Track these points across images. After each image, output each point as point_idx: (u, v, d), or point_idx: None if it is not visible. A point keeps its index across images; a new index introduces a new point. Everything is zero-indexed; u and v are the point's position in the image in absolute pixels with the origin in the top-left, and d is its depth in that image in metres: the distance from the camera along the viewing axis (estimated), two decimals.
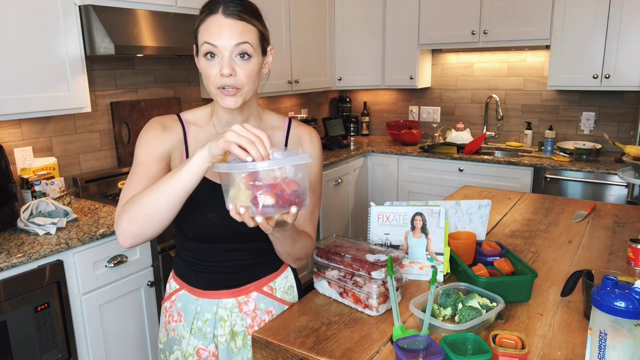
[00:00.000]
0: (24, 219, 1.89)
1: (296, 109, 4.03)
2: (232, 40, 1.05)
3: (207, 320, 1.24)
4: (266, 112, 1.28)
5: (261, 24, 1.12)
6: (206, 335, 1.25)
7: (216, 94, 1.09)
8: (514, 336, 1.02)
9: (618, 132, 3.37)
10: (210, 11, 1.07)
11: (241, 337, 1.25)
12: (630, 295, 0.84)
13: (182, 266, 1.28)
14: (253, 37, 1.08)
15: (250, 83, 1.09)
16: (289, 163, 0.91)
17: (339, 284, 1.28)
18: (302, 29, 3.46)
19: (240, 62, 1.07)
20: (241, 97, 1.10)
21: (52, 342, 1.79)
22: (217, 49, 1.05)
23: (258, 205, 0.91)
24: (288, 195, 0.92)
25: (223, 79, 1.06)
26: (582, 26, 3.06)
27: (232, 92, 1.07)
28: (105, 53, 2.09)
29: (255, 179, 0.91)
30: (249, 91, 1.10)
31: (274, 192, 0.91)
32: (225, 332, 1.24)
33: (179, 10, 2.43)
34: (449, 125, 3.98)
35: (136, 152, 1.16)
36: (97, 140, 2.56)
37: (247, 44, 1.06)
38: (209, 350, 1.25)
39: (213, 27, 1.05)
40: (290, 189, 0.93)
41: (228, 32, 1.05)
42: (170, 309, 1.30)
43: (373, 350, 1.07)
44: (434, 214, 1.39)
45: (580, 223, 1.92)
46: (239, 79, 1.07)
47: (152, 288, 2.12)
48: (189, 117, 1.23)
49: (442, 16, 3.55)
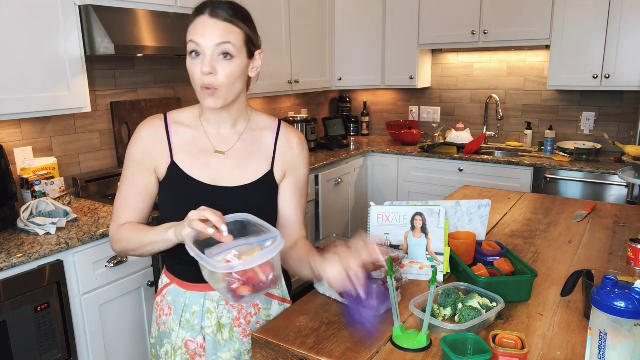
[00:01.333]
0: (24, 219, 1.89)
1: (296, 109, 4.03)
2: (214, 40, 1.09)
3: (194, 313, 1.26)
4: (255, 113, 1.31)
5: (249, 28, 1.15)
6: (194, 327, 1.26)
7: (200, 94, 1.14)
8: (514, 336, 1.02)
9: (618, 132, 3.37)
10: (198, 12, 1.12)
11: (228, 329, 1.26)
12: (630, 295, 0.84)
13: (172, 261, 1.30)
14: (237, 38, 1.11)
15: (229, 84, 1.13)
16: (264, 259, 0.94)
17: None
18: (302, 29, 3.46)
19: (222, 61, 1.11)
20: (221, 99, 1.14)
21: (52, 342, 1.79)
22: (200, 47, 1.10)
23: (236, 296, 0.96)
24: (263, 283, 0.96)
25: (204, 77, 1.10)
26: (582, 26, 3.06)
27: (211, 92, 1.12)
28: (105, 53, 2.09)
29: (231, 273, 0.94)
30: (229, 93, 1.14)
31: (250, 285, 0.95)
32: (212, 324, 1.25)
33: (179, 10, 2.43)
34: (449, 125, 3.98)
35: (124, 163, 1.24)
36: (97, 140, 2.56)
37: (229, 44, 1.10)
38: (197, 341, 1.26)
39: (198, 26, 1.11)
40: (266, 275, 0.96)
41: (211, 32, 1.09)
42: (161, 304, 1.31)
43: (373, 350, 1.07)
44: (434, 214, 1.39)
45: (580, 223, 1.92)
46: (218, 78, 1.11)
47: (152, 288, 2.12)
48: (176, 117, 1.26)
49: (442, 16, 3.55)
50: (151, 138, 1.22)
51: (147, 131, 1.22)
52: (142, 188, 1.22)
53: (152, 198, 1.25)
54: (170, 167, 1.21)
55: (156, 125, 1.23)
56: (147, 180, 1.22)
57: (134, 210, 1.23)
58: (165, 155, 1.21)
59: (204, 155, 1.22)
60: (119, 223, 1.22)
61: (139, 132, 1.23)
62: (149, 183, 1.22)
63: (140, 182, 1.22)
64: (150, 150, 1.21)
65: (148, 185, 1.22)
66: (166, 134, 1.22)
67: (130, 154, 1.23)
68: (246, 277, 0.94)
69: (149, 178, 1.22)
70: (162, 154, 1.21)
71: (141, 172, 1.22)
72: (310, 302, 1.30)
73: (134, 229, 1.19)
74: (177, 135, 1.23)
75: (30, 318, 1.72)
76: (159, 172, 1.22)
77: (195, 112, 1.27)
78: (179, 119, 1.25)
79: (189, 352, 1.27)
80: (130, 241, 1.18)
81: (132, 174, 1.22)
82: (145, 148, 1.21)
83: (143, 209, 1.24)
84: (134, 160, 1.22)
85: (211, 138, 1.24)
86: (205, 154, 1.22)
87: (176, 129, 1.23)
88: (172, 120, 1.25)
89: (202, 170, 1.21)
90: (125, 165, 1.24)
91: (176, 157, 1.21)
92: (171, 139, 1.22)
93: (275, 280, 0.99)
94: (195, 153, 1.22)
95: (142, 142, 1.22)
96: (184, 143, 1.22)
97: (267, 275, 0.96)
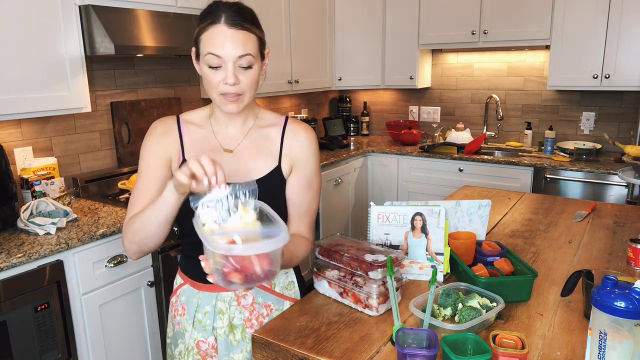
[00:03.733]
0: (24, 219, 1.89)
1: (296, 109, 4.03)
2: (236, 51, 1.10)
3: (206, 313, 1.27)
4: (263, 111, 1.33)
5: (260, 30, 1.17)
6: (206, 328, 1.27)
7: (219, 100, 1.15)
8: (514, 336, 1.02)
9: (618, 132, 3.37)
10: (212, 21, 1.11)
11: (240, 330, 1.27)
12: (630, 295, 0.84)
13: (185, 261, 1.31)
14: (254, 46, 1.13)
15: (251, 90, 1.16)
16: (262, 250, 0.91)
17: (339, 284, 1.28)
18: (302, 29, 3.46)
19: (244, 71, 1.13)
20: (243, 103, 1.17)
21: (52, 342, 1.79)
22: (222, 60, 1.11)
23: (226, 280, 0.93)
24: (257, 275, 0.93)
25: (227, 87, 1.12)
26: (582, 26, 3.06)
27: (235, 98, 1.14)
28: (105, 53, 2.09)
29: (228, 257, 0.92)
30: (250, 97, 1.18)
31: (243, 273, 0.92)
32: (224, 325, 1.26)
33: (179, 10, 2.43)
34: (449, 125, 3.98)
35: (139, 161, 1.24)
36: (97, 140, 2.56)
37: (249, 55, 1.12)
38: (209, 342, 1.27)
39: (217, 37, 1.10)
40: (262, 267, 0.93)
41: (231, 43, 1.10)
42: (175, 304, 1.33)
43: (373, 350, 1.07)
44: (434, 214, 1.39)
45: (580, 223, 1.92)
46: (242, 87, 1.14)
47: (152, 288, 2.12)
48: (188, 118, 1.29)
49: (442, 16, 3.55)
50: (165, 133, 1.24)
51: (162, 127, 1.25)
52: (158, 180, 1.21)
53: None
54: (182, 164, 1.20)
55: (169, 123, 1.26)
56: (162, 173, 1.22)
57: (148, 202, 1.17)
58: (178, 152, 1.24)
59: (213, 153, 1.23)
60: (129, 216, 1.19)
61: (153, 128, 1.25)
62: (162, 177, 1.21)
63: (156, 174, 1.21)
64: (165, 144, 1.23)
65: (162, 179, 1.21)
66: (178, 132, 1.25)
67: (146, 147, 1.23)
68: (241, 264, 0.92)
69: (164, 172, 1.22)
70: (175, 150, 1.24)
71: (157, 164, 1.22)
72: (310, 302, 1.30)
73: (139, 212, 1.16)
74: (188, 134, 1.25)
75: (30, 318, 1.72)
76: (173, 168, 1.23)
77: (206, 112, 1.29)
78: (191, 119, 1.28)
79: (200, 352, 1.28)
80: (133, 225, 1.13)
81: (147, 166, 1.22)
82: (161, 141, 1.23)
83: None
84: (150, 152, 1.23)
85: (219, 137, 1.26)
86: (214, 152, 1.24)
87: (188, 127, 1.26)
88: (184, 120, 1.28)
89: None
90: (140, 161, 1.23)
91: (187, 155, 1.23)
92: (183, 137, 1.25)
93: (269, 275, 0.96)
94: (206, 151, 1.23)
95: (157, 136, 1.23)
96: (194, 141, 1.25)
97: (263, 268, 0.94)
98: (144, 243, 1.15)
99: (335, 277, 1.28)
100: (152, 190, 1.20)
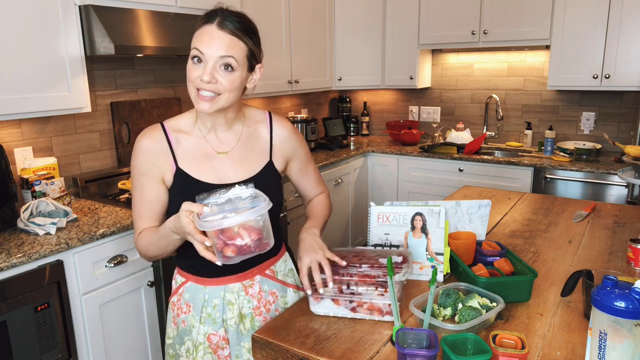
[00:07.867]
0: (24, 219, 1.89)
1: (296, 109, 4.03)
2: (218, 52, 1.13)
3: (215, 306, 1.30)
4: (247, 108, 1.36)
5: (253, 42, 1.19)
6: (216, 320, 1.30)
7: (194, 97, 1.18)
8: (514, 336, 1.02)
9: (618, 132, 3.37)
10: (207, 20, 1.16)
11: (249, 319, 1.31)
12: (630, 295, 0.84)
13: (187, 260, 1.33)
14: (240, 52, 1.16)
15: (230, 94, 1.18)
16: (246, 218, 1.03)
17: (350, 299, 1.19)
18: (302, 29, 3.46)
19: (223, 72, 1.15)
20: (217, 105, 1.18)
21: (52, 342, 1.79)
22: (204, 56, 1.14)
23: (224, 256, 1.05)
24: (247, 246, 1.04)
25: (202, 83, 1.15)
26: (582, 26, 3.06)
27: (209, 97, 1.16)
28: (105, 53, 2.09)
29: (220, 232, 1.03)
30: (227, 100, 1.19)
31: (235, 247, 1.04)
32: (234, 315, 1.30)
33: (179, 10, 2.43)
34: (449, 125, 3.98)
35: (132, 177, 1.28)
36: (97, 140, 2.56)
37: (231, 58, 1.14)
38: (219, 334, 1.30)
39: (205, 35, 1.14)
40: (250, 237, 1.04)
41: (217, 44, 1.13)
42: (178, 302, 1.34)
43: (373, 350, 1.07)
44: (434, 214, 1.39)
45: (580, 223, 1.92)
46: (218, 87, 1.16)
47: (152, 288, 2.12)
48: (173, 125, 1.29)
49: (442, 16, 3.55)
50: (153, 148, 1.24)
51: (148, 142, 1.24)
52: (153, 198, 1.25)
53: (164, 205, 1.28)
54: (177, 173, 1.24)
55: (156, 135, 1.25)
56: (155, 190, 1.25)
57: (149, 219, 1.27)
58: (170, 163, 1.25)
59: (207, 158, 1.26)
60: (137, 232, 1.28)
61: (139, 144, 1.25)
62: (157, 192, 1.25)
63: (150, 192, 1.25)
64: (154, 160, 1.24)
65: (157, 194, 1.26)
66: (167, 143, 1.25)
67: (135, 167, 1.25)
68: (231, 238, 1.02)
69: (158, 187, 1.25)
70: (166, 162, 1.24)
71: (149, 182, 1.25)
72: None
73: (149, 233, 1.24)
74: (178, 144, 1.26)
75: (30, 318, 1.72)
76: (166, 180, 1.26)
77: (191, 118, 1.30)
78: (177, 127, 1.28)
79: (211, 345, 1.30)
80: (152, 247, 1.24)
81: (140, 185, 1.25)
82: (150, 158, 1.24)
83: (157, 215, 1.28)
84: (140, 172, 1.25)
85: (211, 143, 1.28)
86: (208, 157, 1.26)
87: (176, 137, 1.26)
88: (171, 128, 1.27)
89: (207, 172, 1.25)
90: (132, 178, 1.27)
91: (181, 164, 1.24)
92: (173, 148, 1.25)
93: (262, 245, 1.06)
94: (199, 157, 1.26)
95: (145, 153, 1.24)
96: (186, 150, 1.26)
97: (252, 239, 1.04)
98: (156, 258, 1.28)
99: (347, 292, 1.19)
100: (149, 206, 1.26)
